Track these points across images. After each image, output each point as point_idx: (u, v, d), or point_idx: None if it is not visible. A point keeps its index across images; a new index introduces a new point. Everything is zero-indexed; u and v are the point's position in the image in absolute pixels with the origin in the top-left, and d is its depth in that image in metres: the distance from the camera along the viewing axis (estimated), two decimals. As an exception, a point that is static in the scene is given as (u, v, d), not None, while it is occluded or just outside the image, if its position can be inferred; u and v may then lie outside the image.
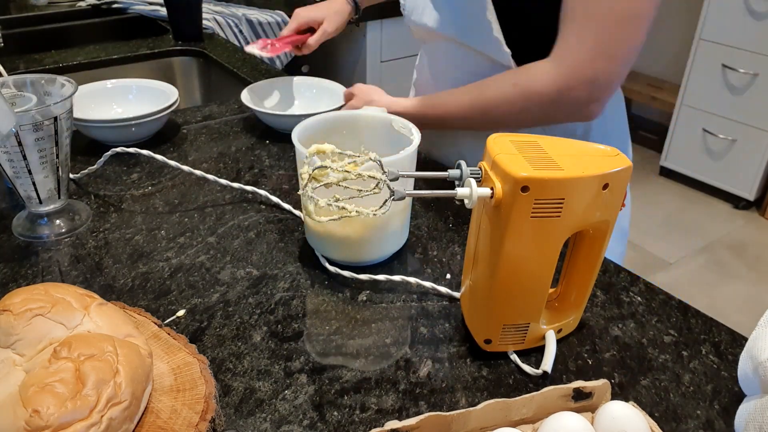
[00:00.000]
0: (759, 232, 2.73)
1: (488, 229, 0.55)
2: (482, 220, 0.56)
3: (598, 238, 0.58)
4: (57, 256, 0.73)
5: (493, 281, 0.56)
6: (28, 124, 0.67)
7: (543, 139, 0.56)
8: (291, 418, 0.53)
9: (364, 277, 0.69)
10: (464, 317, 0.63)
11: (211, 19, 1.58)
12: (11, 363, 0.47)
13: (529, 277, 0.56)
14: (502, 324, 0.58)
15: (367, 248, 0.71)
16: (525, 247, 0.54)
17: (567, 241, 0.58)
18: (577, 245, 0.60)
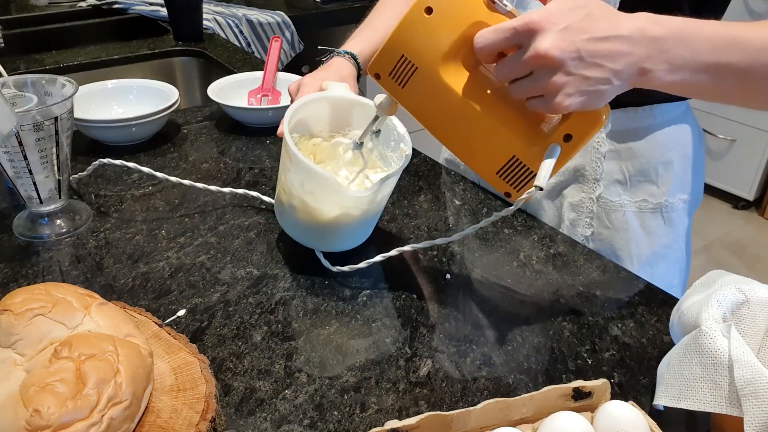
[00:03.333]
0: (758, 232, 2.73)
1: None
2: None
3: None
4: (57, 256, 0.73)
5: (452, 149, 0.61)
6: (29, 124, 0.67)
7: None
8: (291, 417, 0.53)
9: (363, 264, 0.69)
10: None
11: (212, 19, 1.58)
12: (12, 363, 0.47)
13: (466, 126, 0.58)
14: (494, 172, 0.59)
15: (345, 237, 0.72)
16: (434, 110, 0.58)
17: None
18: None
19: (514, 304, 0.68)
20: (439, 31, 0.55)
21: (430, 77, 0.56)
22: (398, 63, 0.57)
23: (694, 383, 0.49)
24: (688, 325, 0.54)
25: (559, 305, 0.68)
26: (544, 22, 0.48)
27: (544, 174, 0.55)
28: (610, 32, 0.49)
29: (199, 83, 1.46)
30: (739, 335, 0.49)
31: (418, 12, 0.54)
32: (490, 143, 0.58)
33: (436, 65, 0.56)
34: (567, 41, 0.48)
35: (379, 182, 0.65)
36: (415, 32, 0.55)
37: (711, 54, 0.53)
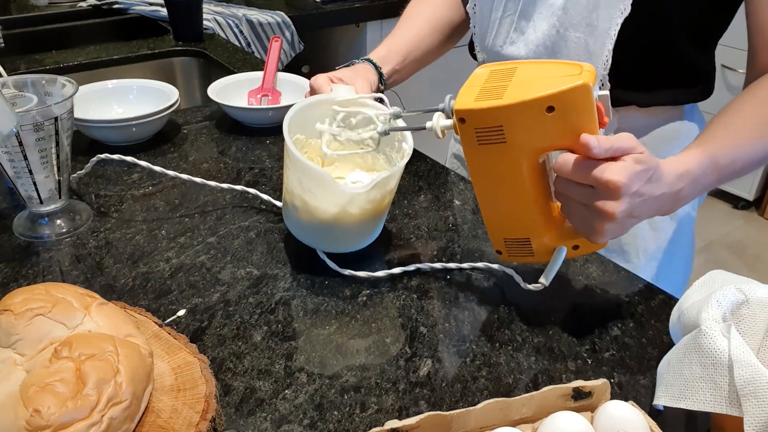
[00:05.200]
0: (758, 232, 2.73)
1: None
2: None
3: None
4: (58, 256, 0.73)
5: (479, 200, 0.62)
6: (29, 124, 0.67)
7: (522, 65, 0.58)
8: (291, 417, 0.53)
9: (363, 275, 0.69)
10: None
11: (212, 19, 1.58)
12: (12, 363, 0.47)
13: (506, 198, 0.60)
14: (503, 238, 0.63)
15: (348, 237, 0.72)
16: (488, 172, 0.58)
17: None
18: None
19: (514, 304, 0.68)
20: (546, 128, 0.54)
21: (509, 155, 0.56)
22: (492, 128, 0.55)
23: (694, 383, 0.49)
24: (688, 325, 0.54)
25: (559, 305, 0.68)
26: (625, 187, 0.54)
27: (550, 274, 0.63)
28: (652, 194, 0.58)
29: (199, 83, 1.46)
30: (739, 335, 0.49)
31: (539, 105, 0.53)
32: (517, 219, 0.62)
33: (522, 152, 0.56)
34: (630, 207, 0.56)
35: (374, 180, 0.65)
36: (526, 119, 0.54)
37: (715, 183, 0.66)
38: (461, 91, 0.57)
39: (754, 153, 0.67)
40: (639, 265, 0.86)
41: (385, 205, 0.71)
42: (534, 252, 0.64)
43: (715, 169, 0.64)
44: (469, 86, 0.58)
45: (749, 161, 0.67)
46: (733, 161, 0.65)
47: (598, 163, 0.55)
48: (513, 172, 0.58)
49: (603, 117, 0.55)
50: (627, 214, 0.56)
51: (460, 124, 0.56)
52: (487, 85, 0.56)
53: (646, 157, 0.56)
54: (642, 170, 0.55)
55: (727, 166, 0.65)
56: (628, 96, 0.79)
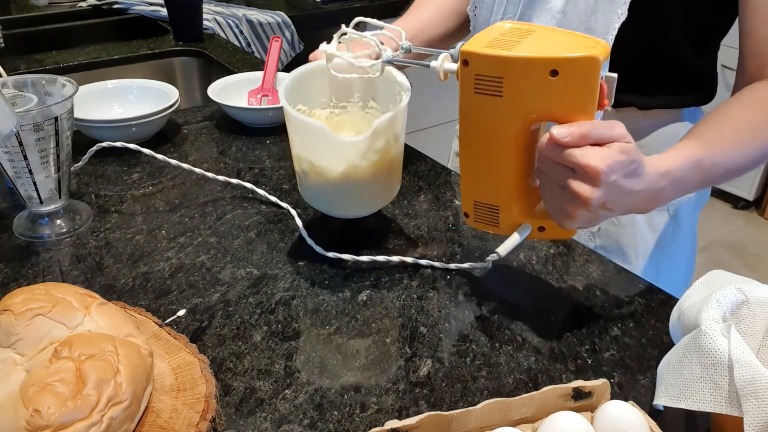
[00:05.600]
0: (758, 232, 2.73)
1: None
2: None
3: None
4: (58, 256, 0.73)
5: (461, 155, 0.60)
6: (29, 124, 0.67)
7: (541, 29, 0.57)
8: (291, 417, 0.53)
9: (366, 259, 0.71)
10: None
11: (212, 19, 1.58)
12: (12, 363, 0.47)
13: (488, 158, 0.58)
14: (473, 200, 0.62)
15: (363, 196, 0.72)
16: (477, 125, 0.57)
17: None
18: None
19: (514, 304, 0.68)
20: (545, 92, 0.53)
21: (502, 111, 0.55)
22: (492, 78, 0.54)
23: (694, 383, 0.49)
24: (688, 325, 0.54)
25: (559, 305, 0.68)
26: (604, 175, 0.53)
27: (507, 247, 0.62)
28: (632, 188, 0.56)
29: (199, 83, 1.46)
30: (739, 335, 0.49)
31: (544, 65, 0.52)
32: (492, 183, 0.60)
33: (515, 111, 0.55)
34: (606, 196, 0.55)
35: (374, 125, 0.64)
36: (528, 76, 0.53)
37: (699, 185, 0.65)
38: (474, 37, 0.56)
39: (740, 156, 0.66)
40: (638, 266, 0.86)
41: (393, 156, 0.70)
42: (499, 223, 0.62)
43: (699, 171, 0.63)
44: (484, 34, 0.57)
45: (735, 164, 0.66)
46: (717, 164, 0.64)
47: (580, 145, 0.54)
48: (502, 131, 0.56)
49: (604, 99, 0.54)
50: (601, 204, 0.55)
51: (462, 66, 0.55)
52: (502, 37, 0.55)
53: (632, 148, 0.55)
54: (625, 161, 0.54)
55: (712, 169, 0.64)
56: (627, 98, 0.79)
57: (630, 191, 0.56)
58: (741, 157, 0.67)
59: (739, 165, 0.67)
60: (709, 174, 0.64)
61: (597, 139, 0.53)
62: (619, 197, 0.56)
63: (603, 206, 0.56)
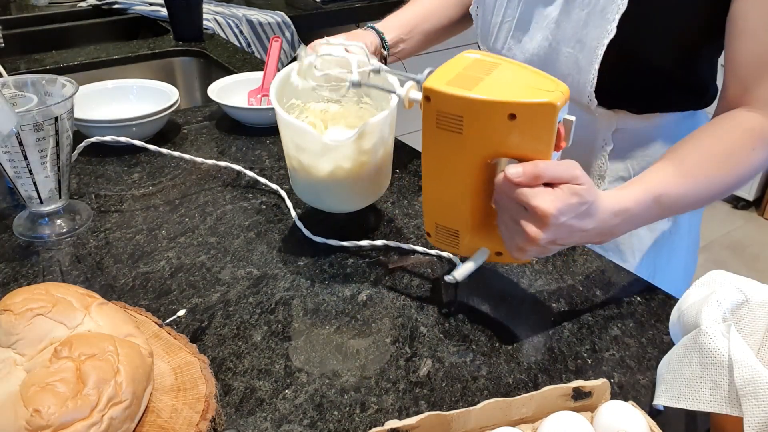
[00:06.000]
0: (758, 232, 2.73)
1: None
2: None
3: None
4: (58, 256, 0.73)
5: (423, 181, 0.62)
6: (29, 124, 0.67)
7: (506, 64, 0.57)
8: (291, 417, 0.53)
9: (349, 244, 0.73)
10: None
11: (212, 19, 1.58)
12: (12, 363, 0.47)
13: (448, 187, 0.60)
14: (435, 222, 0.63)
15: (351, 194, 0.73)
16: (439, 156, 0.59)
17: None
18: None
19: (514, 304, 0.68)
20: (503, 133, 0.54)
21: (462, 147, 0.56)
22: (453, 116, 0.55)
23: (694, 383, 0.49)
24: (688, 325, 0.54)
25: (559, 305, 0.68)
26: (553, 218, 0.53)
27: (464, 272, 0.63)
28: (582, 227, 0.57)
29: (199, 83, 1.46)
30: (738, 335, 0.49)
31: (502, 109, 0.52)
32: (453, 210, 0.62)
33: (475, 148, 0.56)
34: (555, 236, 0.55)
35: (359, 129, 0.65)
36: (486, 118, 0.54)
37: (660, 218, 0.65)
38: (440, 69, 0.57)
39: (706, 189, 0.66)
40: (634, 264, 0.86)
41: (381, 157, 0.71)
42: (459, 246, 0.64)
43: (658, 206, 0.63)
44: (450, 67, 0.58)
45: (701, 197, 0.66)
46: (680, 197, 0.64)
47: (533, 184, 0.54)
48: (461, 165, 0.57)
49: (561, 141, 0.55)
50: (550, 242, 0.56)
51: (425, 101, 0.56)
52: (466, 72, 0.56)
53: (584, 190, 0.55)
54: (575, 203, 0.54)
55: (673, 204, 0.64)
56: (618, 104, 0.79)
57: (580, 230, 0.57)
58: (707, 190, 0.66)
59: (705, 196, 0.66)
60: (669, 208, 0.64)
61: (550, 179, 0.54)
62: (570, 235, 0.57)
63: (553, 243, 0.57)
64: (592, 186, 0.56)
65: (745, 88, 0.67)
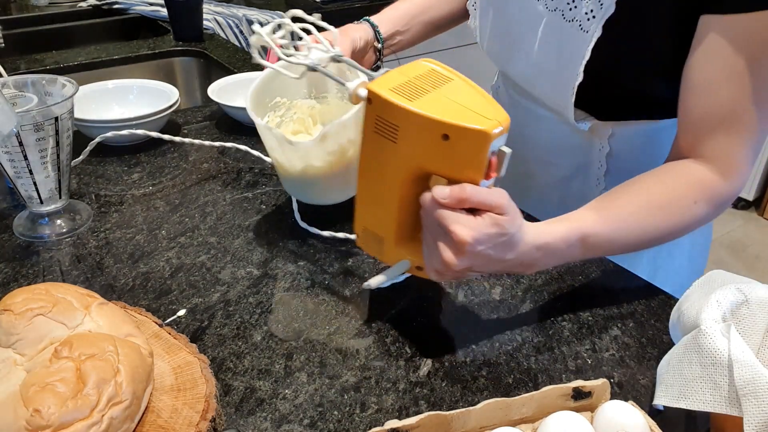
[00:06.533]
0: (758, 232, 2.73)
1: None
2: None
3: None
4: (58, 256, 0.73)
5: (358, 181, 0.61)
6: (29, 124, 0.67)
7: (458, 81, 0.57)
8: (291, 417, 0.53)
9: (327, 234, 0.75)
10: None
11: (212, 19, 1.58)
12: (12, 362, 0.47)
13: (379, 192, 0.59)
14: (363, 225, 0.63)
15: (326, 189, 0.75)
16: (373, 161, 0.58)
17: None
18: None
19: (514, 304, 0.68)
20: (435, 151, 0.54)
21: (395, 156, 0.56)
22: (390, 124, 0.55)
23: (694, 383, 0.49)
24: (688, 325, 0.54)
25: (559, 305, 0.68)
26: (470, 246, 0.53)
27: (378, 280, 0.62)
28: (500, 258, 0.56)
29: (199, 83, 1.46)
30: (738, 335, 0.49)
31: (437, 128, 0.52)
32: (381, 217, 0.61)
33: (407, 160, 0.56)
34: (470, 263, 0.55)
35: (321, 132, 0.66)
36: (420, 133, 0.53)
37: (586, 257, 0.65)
38: (391, 73, 0.57)
39: (637, 236, 0.64)
40: (634, 262, 0.85)
41: (351, 156, 0.71)
42: (383, 254, 0.62)
43: (585, 246, 0.62)
44: (401, 72, 0.57)
45: (632, 243, 0.65)
46: (606, 241, 0.63)
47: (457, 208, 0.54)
48: (393, 174, 0.57)
49: (492, 170, 0.54)
50: (466, 269, 0.55)
51: (367, 102, 0.56)
52: (415, 81, 0.56)
53: (506, 221, 0.54)
54: (494, 233, 0.54)
55: (600, 245, 0.63)
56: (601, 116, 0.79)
57: (498, 260, 0.56)
58: (639, 236, 0.65)
59: (637, 242, 0.65)
60: (597, 249, 0.63)
61: (475, 205, 0.53)
62: (487, 264, 0.56)
63: (470, 270, 0.56)
64: (516, 217, 0.56)
65: (696, 140, 0.66)
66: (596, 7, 0.68)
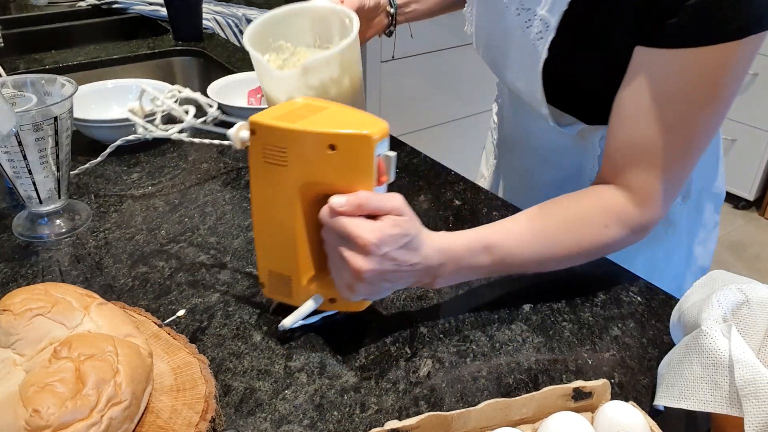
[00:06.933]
0: (759, 232, 2.74)
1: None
2: None
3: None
4: (57, 256, 0.73)
5: (254, 224, 0.61)
6: (29, 124, 0.67)
7: (336, 107, 0.59)
8: (291, 417, 0.53)
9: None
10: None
11: (211, 19, 1.58)
12: (11, 363, 0.47)
13: (279, 228, 0.60)
14: (268, 269, 0.62)
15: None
16: (267, 194, 0.59)
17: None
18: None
19: (515, 304, 0.68)
20: (325, 165, 0.55)
21: (288, 180, 0.57)
22: (278, 148, 0.56)
23: (695, 383, 0.49)
24: (689, 325, 0.54)
25: (558, 305, 0.68)
26: (375, 247, 0.53)
27: (294, 318, 0.60)
28: (407, 261, 0.56)
29: (199, 83, 1.46)
30: (739, 335, 0.49)
31: (322, 139, 0.54)
32: (284, 253, 0.61)
33: (301, 181, 0.57)
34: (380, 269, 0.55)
35: (303, 64, 0.68)
36: (309, 149, 0.55)
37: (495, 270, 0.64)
38: (270, 109, 0.59)
39: (544, 252, 0.65)
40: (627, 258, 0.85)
41: (334, 96, 0.72)
42: (292, 294, 0.62)
43: (490, 256, 0.62)
44: (279, 108, 0.59)
45: (538, 259, 0.64)
46: (513, 253, 0.63)
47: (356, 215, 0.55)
48: (289, 201, 0.58)
49: (382, 175, 0.56)
50: (378, 276, 0.55)
51: (251, 135, 0.58)
52: (295, 111, 0.58)
53: (405, 221, 0.55)
54: (396, 234, 0.54)
55: (507, 257, 0.63)
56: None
57: (406, 263, 0.56)
58: (547, 253, 0.65)
59: (545, 259, 0.65)
60: (505, 261, 0.63)
61: (372, 210, 0.54)
62: (397, 271, 0.56)
63: (382, 278, 0.56)
64: (415, 219, 0.57)
65: (617, 169, 0.66)
66: (543, 29, 0.69)
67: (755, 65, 2.86)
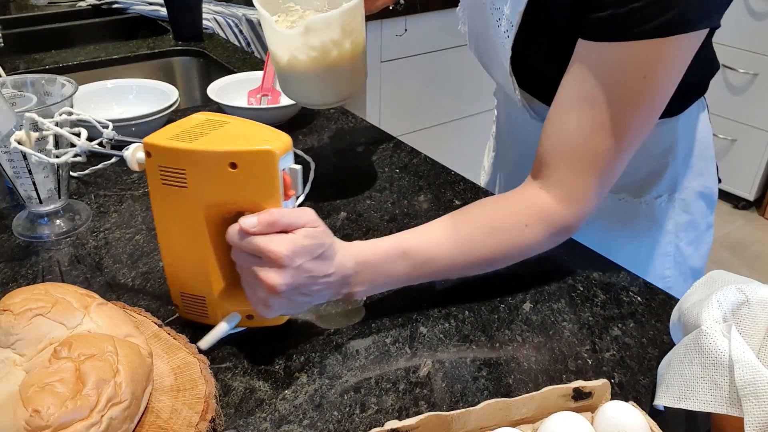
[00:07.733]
0: (759, 232, 2.73)
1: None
2: None
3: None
4: (57, 256, 0.73)
5: (161, 247, 0.60)
6: (29, 124, 0.67)
7: (235, 122, 0.59)
8: (291, 417, 0.53)
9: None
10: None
11: (211, 19, 1.58)
12: (11, 363, 0.47)
13: (186, 249, 0.58)
14: (180, 291, 0.61)
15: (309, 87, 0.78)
16: (170, 216, 0.57)
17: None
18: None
19: (514, 304, 0.68)
20: (228, 184, 0.54)
21: (190, 202, 0.55)
22: (176, 170, 0.54)
23: (695, 383, 0.49)
24: (689, 325, 0.54)
25: (558, 305, 0.68)
26: (288, 259, 0.53)
27: (211, 339, 0.59)
28: (322, 271, 0.55)
29: (199, 83, 1.46)
30: (739, 335, 0.49)
31: (222, 158, 0.53)
32: (194, 274, 0.59)
33: (203, 202, 0.55)
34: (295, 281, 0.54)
35: (304, 22, 0.70)
36: (209, 169, 0.54)
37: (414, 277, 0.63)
38: (166, 127, 0.57)
39: (466, 256, 0.64)
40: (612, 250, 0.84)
41: (335, 58, 0.73)
42: (208, 314, 0.61)
43: (409, 262, 0.61)
44: (176, 125, 0.58)
45: (460, 263, 0.64)
46: (433, 258, 0.62)
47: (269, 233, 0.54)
48: (192, 222, 0.56)
49: (289, 189, 0.55)
50: (293, 290, 0.54)
51: (147, 157, 0.56)
52: (192, 129, 0.56)
53: (319, 233, 0.55)
54: (310, 245, 0.54)
55: (428, 262, 0.62)
56: None
57: (321, 274, 0.55)
58: (469, 256, 0.64)
59: (467, 262, 0.64)
60: (427, 268, 0.62)
61: (285, 226, 0.54)
62: (313, 282, 0.55)
63: (297, 292, 0.55)
64: (328, 231, 0.56)
65: (542, 165, 0.65)
66: (509, 27, 0.71)
67: (755, 65, 2.83)
